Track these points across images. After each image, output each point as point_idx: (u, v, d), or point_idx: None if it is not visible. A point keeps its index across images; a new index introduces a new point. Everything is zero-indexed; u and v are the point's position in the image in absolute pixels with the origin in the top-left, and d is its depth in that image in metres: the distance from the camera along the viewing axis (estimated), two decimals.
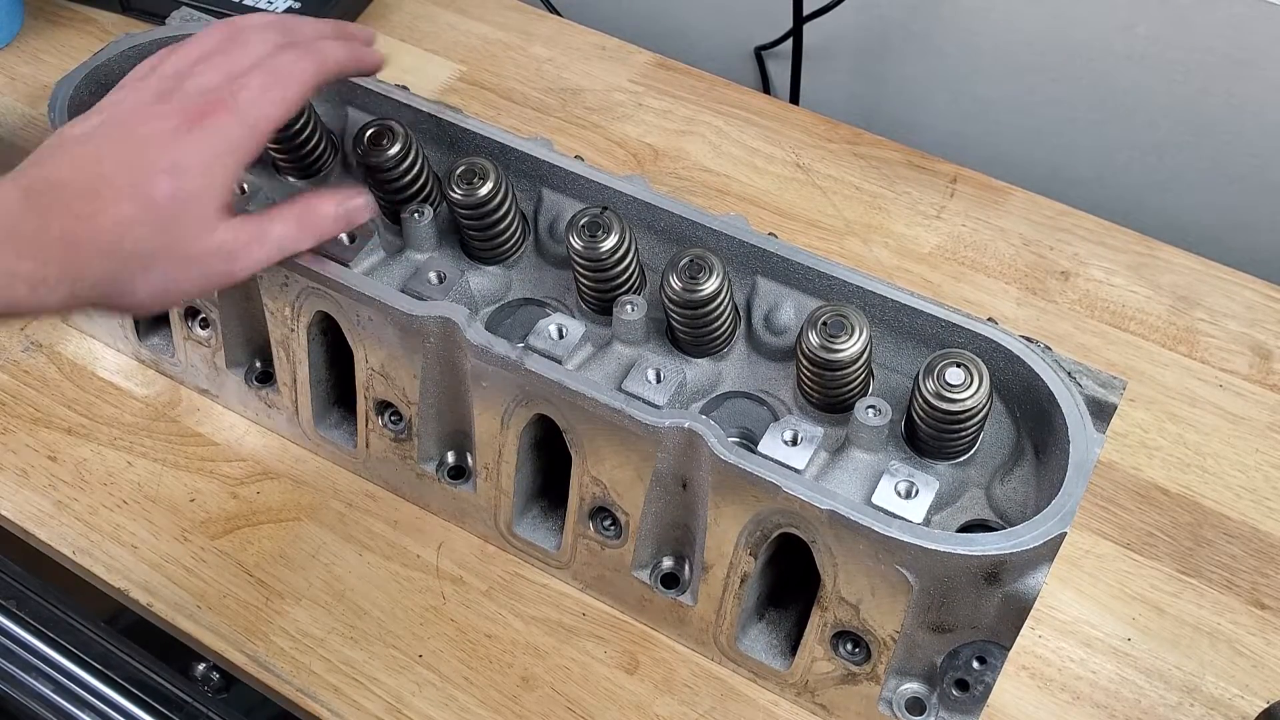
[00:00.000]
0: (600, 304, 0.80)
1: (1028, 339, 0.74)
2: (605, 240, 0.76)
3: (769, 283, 0.79)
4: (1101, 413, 0.71)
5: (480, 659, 0.80)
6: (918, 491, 0.68)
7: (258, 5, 1.18)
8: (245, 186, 0.85)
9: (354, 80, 0.88)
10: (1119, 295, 1.02)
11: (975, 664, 0.71)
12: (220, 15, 0.97)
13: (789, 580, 0.77)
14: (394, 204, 0.85)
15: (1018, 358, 0.73)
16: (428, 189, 0.85)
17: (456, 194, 0.79)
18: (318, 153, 0.88)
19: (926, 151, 1.14)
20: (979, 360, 0.70)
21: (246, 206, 0.84)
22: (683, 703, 0.79)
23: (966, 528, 0.72)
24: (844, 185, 1.11)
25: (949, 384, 0.69)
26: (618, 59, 1.22)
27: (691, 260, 0.75)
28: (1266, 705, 0.79)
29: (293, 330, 0.83)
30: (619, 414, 0.71)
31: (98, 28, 1.22)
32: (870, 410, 0.72)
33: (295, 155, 0.87)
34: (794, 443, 0.71)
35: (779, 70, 1.32)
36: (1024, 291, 1.03)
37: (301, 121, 0.85)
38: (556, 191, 0.84)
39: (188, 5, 1.04)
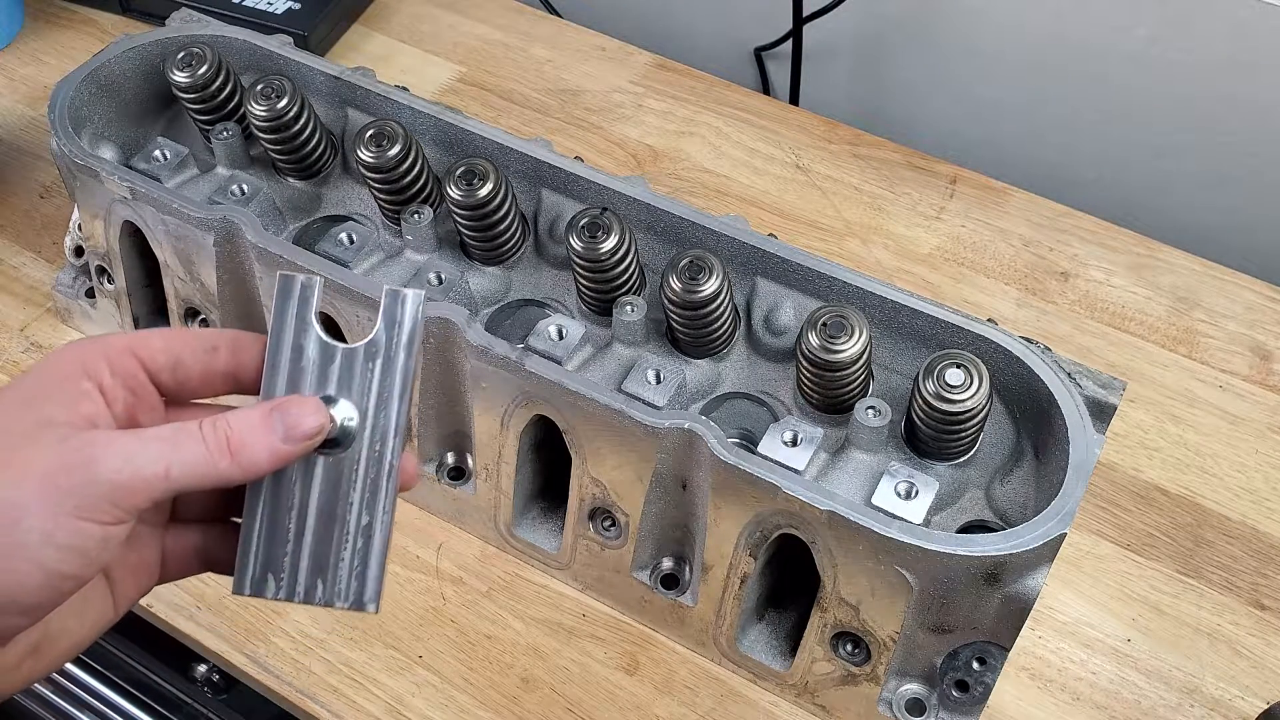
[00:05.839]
0: (600, 305, 0.80)
1: (1027, 340, 0.74)
2: (605, 241, 0.76)
3: (769, 284, 0.79)
4: (1101, 414, 0.71)
5: (480, 660, 0.80)
6: (917, 492, 0.68)
7: (257, 5, 1.18)
8: (246, 188, 0.85)
9: (354, 81, 0.88)
10: (1119, 296, 1.02)
11: (975, 665, 0.71)
12: (220, 17, 0.97)
13: (789, 581, 0.77)
14: (394, 205, 0.85)
15: (1017, 359, 0.73)
16: (428, 190, 0.85)
17: (456, 195, 0.79)
18: (318, 153, 0.88)
19: (926, 152, 1.14)
20: (979, 361, 0.70)
21: (247, 208, 0.84)
22: (683, 704, 0.79)
23: (966, 528, 0.72)
24: (844, 186, 1.11)
25: (949, 385, 0.69)
26: (617, 60, 1.22)
27: (691, 261, 0.75)
28: (1266, 706, 0.79)
29: None
30: (619, 415, 0.71)
31: (98, 29, 1.22)
32: (870, 411, 0.72)
33: (295, 156, 0.87)
34: (794, 443, 0.71)
35: (779, 71, 1.32)
36: (1024, 292, 1.03)
37: (301, 122, 0.85)
38: (556, 192, 0.84)
39: (187, 6, 1.04)
